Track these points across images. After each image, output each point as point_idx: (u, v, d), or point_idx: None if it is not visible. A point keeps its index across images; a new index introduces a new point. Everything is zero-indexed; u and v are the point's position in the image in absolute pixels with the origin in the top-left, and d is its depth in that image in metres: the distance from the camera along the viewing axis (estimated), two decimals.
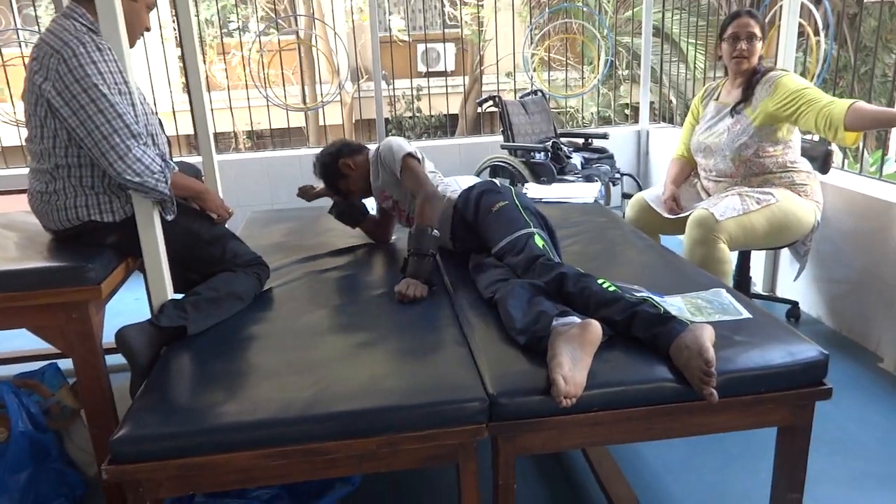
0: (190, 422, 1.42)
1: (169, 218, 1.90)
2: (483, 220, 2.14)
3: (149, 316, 1.84)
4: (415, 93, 7.95)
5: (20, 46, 4.46)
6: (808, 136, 2.91)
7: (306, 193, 2.71)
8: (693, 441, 2.13)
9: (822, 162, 2.80)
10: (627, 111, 6.14)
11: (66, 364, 2.02)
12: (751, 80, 2.62)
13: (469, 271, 2.15)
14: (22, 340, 2.61)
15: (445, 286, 2.12)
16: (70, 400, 2.03)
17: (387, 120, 5.38)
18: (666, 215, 2.75)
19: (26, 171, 2.01)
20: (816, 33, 3.82)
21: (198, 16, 7.38)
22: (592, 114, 7.88)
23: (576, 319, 1.57)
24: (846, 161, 3.56)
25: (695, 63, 6.25)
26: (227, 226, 2.20)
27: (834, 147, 2.84)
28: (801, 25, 3.36)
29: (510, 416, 1.45)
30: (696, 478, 2.03)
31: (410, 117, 8.34)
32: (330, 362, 1.64)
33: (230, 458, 1.38)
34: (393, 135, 7.24)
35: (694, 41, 6.43)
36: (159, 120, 2.09)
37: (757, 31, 2.58)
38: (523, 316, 1.64)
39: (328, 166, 2.46)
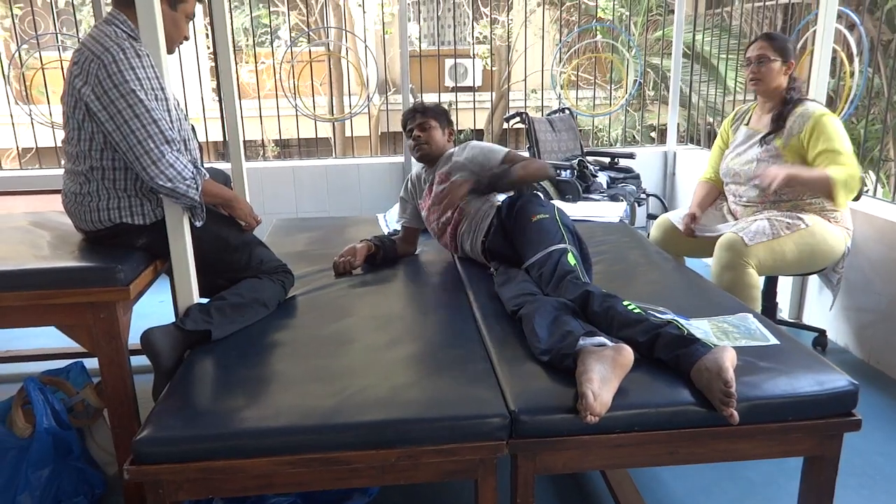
0: (212, 425, 1.43)
1: (198, 224, 1.92)
2: (520, 227, 2.15)
3: (173, 319, 1.86)
4: (456, 109, 8.03)
5: (59, 50, 4.56)
6: None
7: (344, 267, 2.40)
8: (716, 468, 2.09)
9: None
10: (654, 133, 6.10)
11: (91, 363, 2.04)
12: (782, 110, 2.56)
13: (492, 284, 2.15)
14: (49, 339, 2.65)
15: (468, 299, 2.11)
16: (94, 399, 2.05)
17: None
18: (681, 229, 2.72)
19: (61, 171, 2.05)
20: (850, 59, 3.78)
21: (232, 25, 7.51)
22: (618, 135, 7.86)
23: (604, 340, 1.56)
24: (881, 189, 3.50)
25: (724, 83, 6.21)
26: (253, 232, 2.22)
27: (867, 174, 2.80)
28: (834, 51, 3.32)
29: (531, 434, 1.44)
30: None
31: None
32: (352, 372, 1.64)
33: (251, 463, 1.38)
34: None
35: (726, 60, 6.39)
36: (192, 126, 2.12)
37: (769, 53, 2.53)
38: (549, 336, 1.63)
39: (446, 115, 2.56)
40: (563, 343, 1.58)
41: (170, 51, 1.98)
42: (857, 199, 2.78)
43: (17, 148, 4.61)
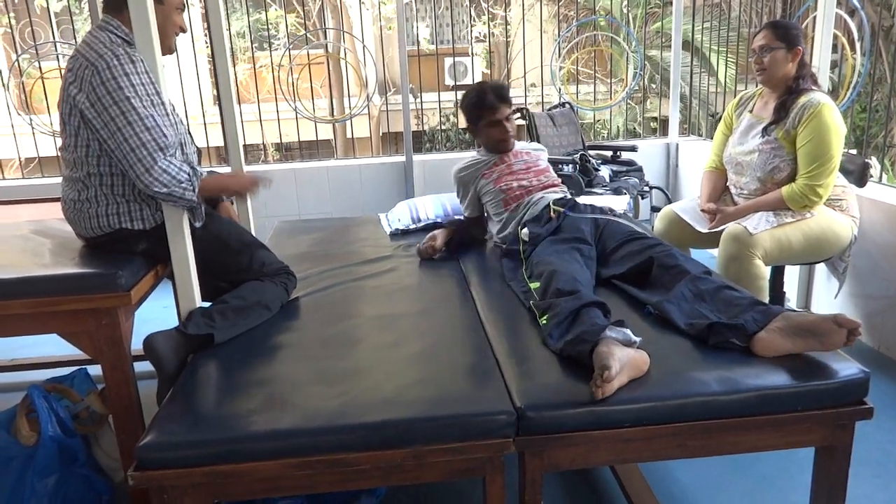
0: (215, 429, 1.42)
1: (198, 224, 1.91)
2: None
3: (177, 323, 1.85)
4: (452, 108, 8.04)
5: (57, 59, 4.57)
6: (845, 150, 2.83)
7: (427, 252, 2.53)
8: (727, 460, 2.07)
9: (858, 175, 2.72)
10: (655, 124, 6.07)
11: (95, 370, 2.04)
12: (786, 100, 2.49)
13: (495, 280, 2.15)
14: (52, 346, 2.64)
15: (472, 296, 2.10)
16: (98, 405, 2.05)
17: (420, 132, 5.41)
18: (700, 229, 2.67)
19: (60, 179, 2.05)
20: (852, 45, 3.75)
21: (229, 29, 7.51)
22: (619, 127, 7.84)
23: (629, 333, 1.55)
24: (885, 175, 3.47)
25: (716, 75, 6.18)
26: (255, 235, 2.21)
27: (872, 160, 2.76)
28: (835, 37, 3.29)
29: (538, 431, 1.42)
30: (730, 499, 1.97)
31: (443, 130, 8.37)
32: (356, 372, 1.63)
33: (256, 466, 1.37)
34: (426, 149, 7.22)
35: (718, 51, 6.36)
36: (188, 129, 2.11)
37: (772, 41, 2.47)
38: (563, 334, 1.62)
39: None
40: (586, 329, 1.56)
41: (167, 47, 1.97)
42: (862, 185, 2.75)
43: (20, 157, 4.62)
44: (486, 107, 2.49)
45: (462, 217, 2.75)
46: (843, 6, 3.87)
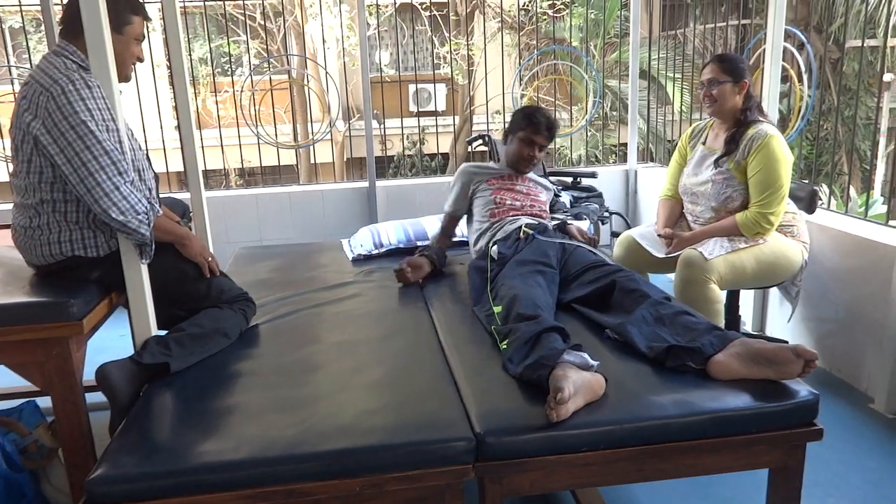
0: (169, 461, 1.38)
1: (145, 262, 1.86)
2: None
3: (132, 353, 1.81)
4: (419, 135, 8.15)
5: (11, 83, 4.48)
6: (796, 178, 2.93)
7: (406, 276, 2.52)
8: (688, 482, 2.09)
9: (807, 202, 2.82)
10: (613, 156, 6.21)
11: (45, 401, 1.97)
12: (736, 132, 2.58)
13: (456, 304, 2.16)
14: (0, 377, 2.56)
15: (432, 321, 2.10)
16: (48, 439, 1.98)
17: (385, 158, 5.41)
18: (657, 254, 2.72)
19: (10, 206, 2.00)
20: (800, 77, 3.90)
21: (191, 55, 7.47)
22: (580, 155, 7.99)
23: (587, 357, 1.57)
24: (835, 202, 3.59)
25: (672, 104, 6.35)
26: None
27: (822, 187, 2.86)
28: (785, 69, 3.42)
29: (497, 456, 1.43)
30: None
31: (410, 156, 8.41)
32: (314, 400, 1.61)
33: (209, 499, 1.34)
34: (391, 174, 7.23)
35: (674, 81, 6.55)
36: (147, 155, 2.09)
37: (719, 75, 2.56)
38: (522, 358, 1.63)
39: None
40: (545, 353, 1.58)
41: (125, 75, 1.95)
42: (811, 212, 2.85)
43: None
44: (532, 124, 2.60)
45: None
46: (794, 40, 4.03)
